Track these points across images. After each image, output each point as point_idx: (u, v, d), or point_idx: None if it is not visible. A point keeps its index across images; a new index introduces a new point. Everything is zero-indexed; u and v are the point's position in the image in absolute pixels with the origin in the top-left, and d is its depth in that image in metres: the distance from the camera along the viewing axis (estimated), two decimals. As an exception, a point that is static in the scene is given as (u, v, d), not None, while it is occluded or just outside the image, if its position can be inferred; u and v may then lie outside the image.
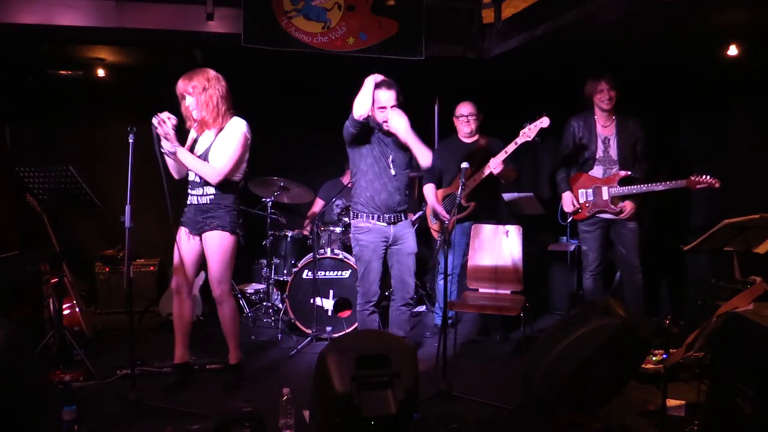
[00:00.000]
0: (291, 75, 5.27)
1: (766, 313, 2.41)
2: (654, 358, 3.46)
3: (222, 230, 3.23)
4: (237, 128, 3.24)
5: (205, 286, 4.69)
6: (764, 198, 3.87)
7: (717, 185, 3.73)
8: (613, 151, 4.02)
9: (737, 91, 4.38)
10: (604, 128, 4.06)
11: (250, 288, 5.26)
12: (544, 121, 3.79)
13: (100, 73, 5.23)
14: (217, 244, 3.23)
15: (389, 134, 3.54)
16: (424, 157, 3.50)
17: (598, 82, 3.99)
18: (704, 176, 3.74)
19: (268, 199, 4.88)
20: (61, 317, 3.75)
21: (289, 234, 4.83)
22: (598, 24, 3.78)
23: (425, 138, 6.10)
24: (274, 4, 4.21)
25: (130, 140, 2.93)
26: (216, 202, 3.22)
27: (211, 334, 4.54)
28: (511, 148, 3.95)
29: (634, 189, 3.92)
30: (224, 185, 3.22)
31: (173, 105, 5.46)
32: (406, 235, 3.68)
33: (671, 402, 2.94)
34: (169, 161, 3.24)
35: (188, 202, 3.32)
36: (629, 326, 2.80)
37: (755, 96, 4.23)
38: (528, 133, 3.84)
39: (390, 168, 3.57)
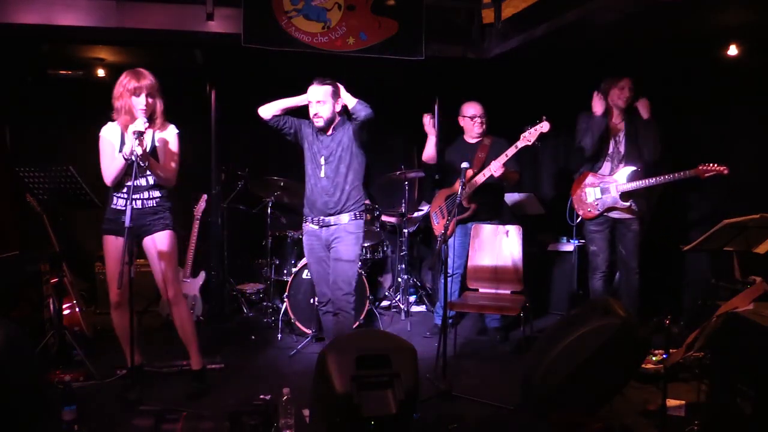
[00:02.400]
0: (291, 75, 5.27)
1: (766, 313, 2.41)
2: (654, 358, 3.47)
3: (171, 230, 3.25)
4: (175, 133, 3.29)
5: (205, 286, 4.72)
6: (764, 198, 3.87)
7: (725, 172, 3.73)
8: (622, 147, 4.06)
9: (737, 91, 4.38)
10: (616, 125, 4.09)
11: (250, 288, 5.26)
12: (544, 126, 3.80)
13: (100, 73, 5.23)
14: (169, 243, 3.22)
15: (324, 132, 3.56)
16: (351, 102, 3.47)
17: (620, 79, 4.01)
18: (712, 164, 3.74)
19: (268, 199, 4.88)
20: (61, 317, 3.75)
21: (289, 234, 4.82)
22: (598, 24, 3.78)
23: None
24: (274, 4, 4.21)
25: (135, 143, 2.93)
26: (161, 204, 3.23)
27: (211, 334, 4.55)
28: (511, 151, 3.96)
29: (643, 183, 3.93)
30: (169, 187, 3.27)
31: (172, 105, 5.47)
32: (338, 239, 3.51)
33: (671, 402, 2.94)
34: (119, 167, 3.12)
35: (126, 207, 3.10)
36: (629, 326, 2.80)
37: (755, 96, 4.23)
38: (528, 137, 3.85)
39: (320, 168, 3.53)
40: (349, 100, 3.50)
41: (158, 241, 3.19)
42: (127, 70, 3.19)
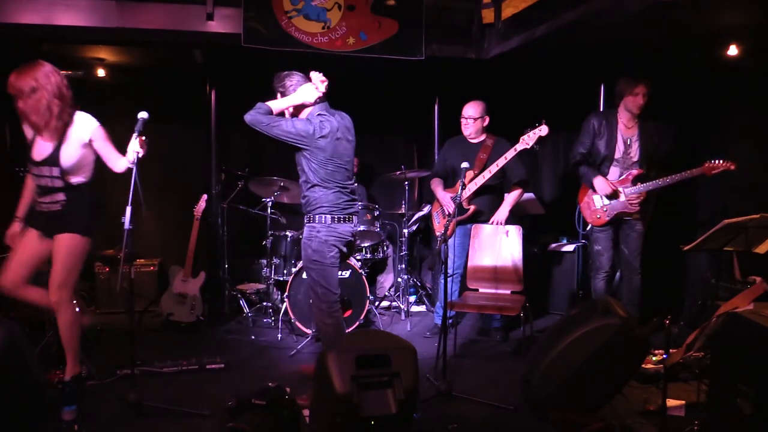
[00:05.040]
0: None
1: (766, 313, 2.41)
2: (654, 358, 3.46)
3: (74, 233, 3.07)
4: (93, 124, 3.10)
5: (205, 286, 4.72)
6: (764, 198, 3.87)
7: (732, 167, 3.66)
8: (634, 152, 3.96)
9: (737, 91, 4.38)
10: (628, 129, 3.98)
11: (250, 288, 5.27)
12: (543, 130, 3.81)
13: (100, 73, 5.24)
14: (67, 245, 3.06)
15: None
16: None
17: (636, 84, 3.85)
18: (718, 161, 3.68)
19: (268, 199, 4.88)
20: (61, 317, 3.74)
21: (289, 234, 4.82)
22: (598, 24, 3.78)
23: (426, 138, 6.10)
24: (274, 4, 4.21)
25: (135, 137, 2.92)
26: (67, 206, 3.07)
27: (211, 334, 4.55)
28: (510, 154, 3.98)
29: (650, 185, 3.86)
30: (76, 189, 3.09)
31: (173, 105, 5.48)
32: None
33: (671, 402, 2.94)
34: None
35: (39, 210, 3.13)
36: (629, 326, 2.80)
37: (756, 96, 4.24)
38: (527, 140, 3.87)
39: None
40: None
41: (58, 242, 3.05)
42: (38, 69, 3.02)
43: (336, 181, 3.22)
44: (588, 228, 4.15)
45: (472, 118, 4.30)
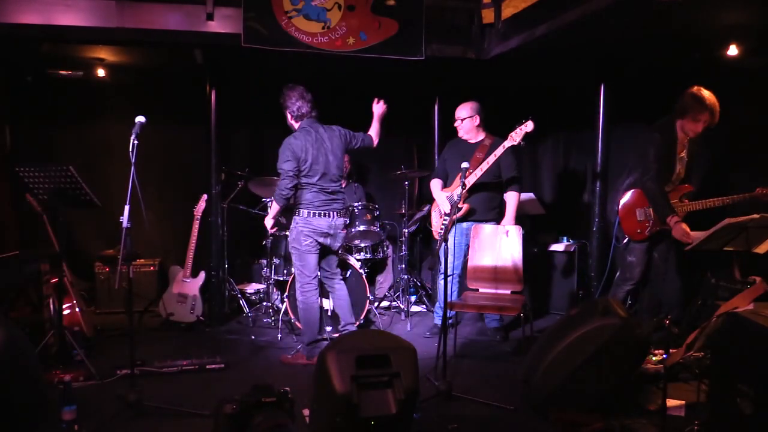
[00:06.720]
0: (291, 75, 5.27)
1: (766, 313, 2.42)
2: (654, 358, 3.46)
3: None
4: None
5: (205, 286, 4.72)
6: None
7: None
8: (681, 169, 3.81)
9: (737, 91, 4.38)
10: (682, 147, 3.81)
11: (250, 288, 5.26)
12: (529, 126, 3.83)
13: (100, 73, 5.24)
14: None
15: None
16: None
17: (701, 111, 3.59)
18: None
19: (268, 199, 4.88)
20: (61, 317, 3.74)
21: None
22: (598, 24, 3.78)
23: (426, 138, 6.12)
24: (274, 4, 4.21)
25: (133, 140, 2.91)
26: None
27: (211, 334, 4.55)
28: (499, 151, 4.02)
29: (699, 205, 3.70)
30: None
31: (172, 105, 5.48)
32: None
33: (671, 402, 2.94)
34: None
35: None
36: (629, 326, 2.80)
37: (755, 96, 4.23)
38: (514, 137, 3.89)
39: None
40: None
41: None
42: None
43: (314, 183, 3.83)
44: (625, 241, 3.90)
45: (461, 118, 4.34)
